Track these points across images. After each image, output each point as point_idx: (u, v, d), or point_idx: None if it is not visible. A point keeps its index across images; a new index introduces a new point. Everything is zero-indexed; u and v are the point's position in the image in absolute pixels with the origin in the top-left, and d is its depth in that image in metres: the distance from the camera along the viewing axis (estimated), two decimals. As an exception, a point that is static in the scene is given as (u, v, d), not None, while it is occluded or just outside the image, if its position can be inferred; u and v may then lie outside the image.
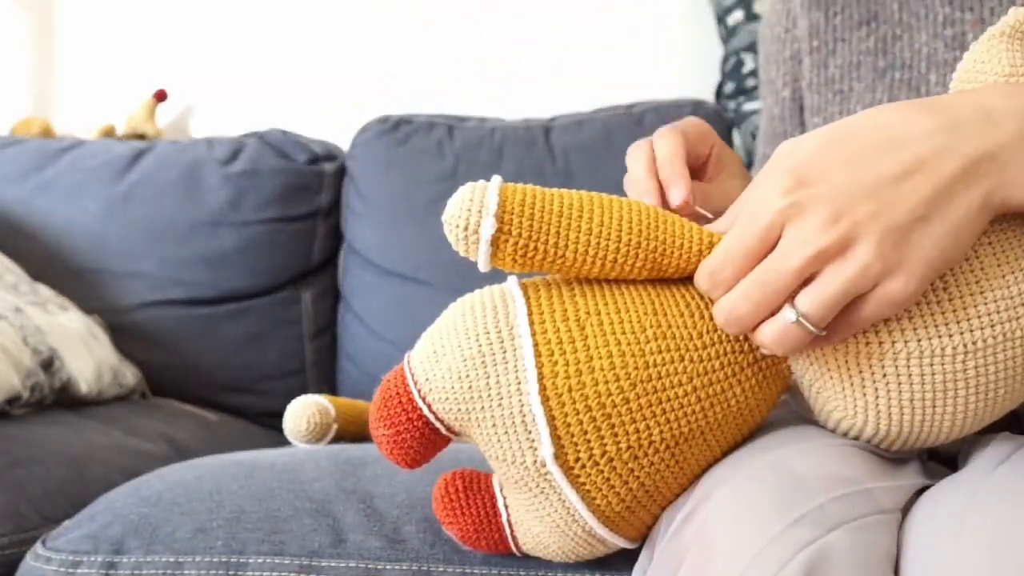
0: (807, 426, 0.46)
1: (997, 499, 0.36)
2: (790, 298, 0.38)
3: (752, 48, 1.27)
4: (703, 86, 1.41)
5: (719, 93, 1.35)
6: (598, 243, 0.41)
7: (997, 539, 0.34)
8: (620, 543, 0.45)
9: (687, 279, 0.43)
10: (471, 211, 0.40)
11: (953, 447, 0.56)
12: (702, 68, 1.45)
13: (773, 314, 0.38)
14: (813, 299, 0.37)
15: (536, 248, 0.41)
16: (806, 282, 0.37)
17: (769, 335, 0.38)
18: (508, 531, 0.46)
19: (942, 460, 0.54)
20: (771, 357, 0.43)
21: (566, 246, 0.41)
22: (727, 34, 1.33)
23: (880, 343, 0.39)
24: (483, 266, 0.42)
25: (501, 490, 0.47)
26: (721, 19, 1.34)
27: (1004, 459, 0.40)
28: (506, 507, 0.46)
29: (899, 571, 0.37)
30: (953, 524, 0.35)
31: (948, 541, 0.35)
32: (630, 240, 0.41)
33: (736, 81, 1.30)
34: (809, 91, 0.67)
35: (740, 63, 1.30)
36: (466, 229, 0.40)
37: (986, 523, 0.35)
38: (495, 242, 0.40)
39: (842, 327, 0.38)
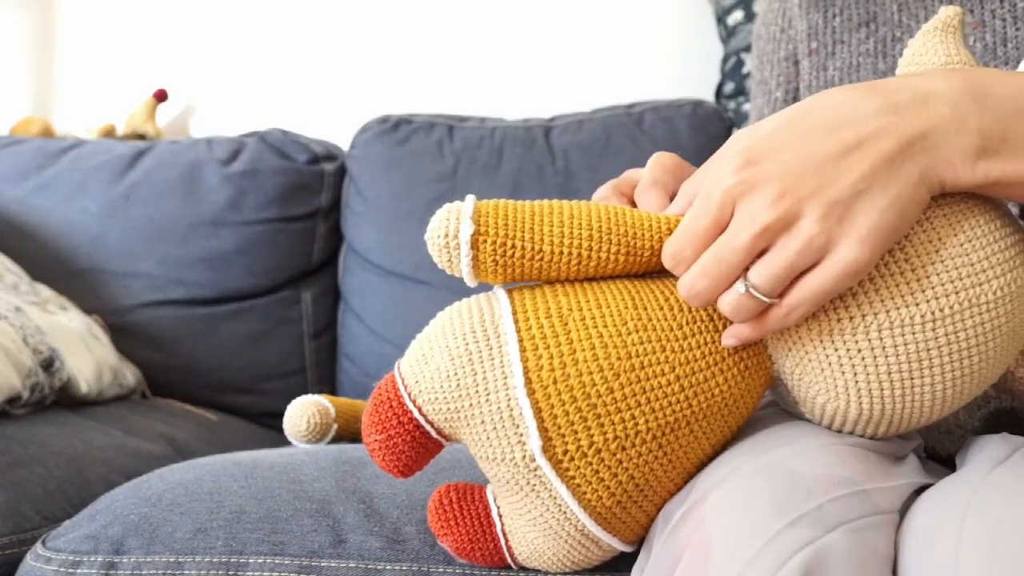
0: (804, 426, 0.46)
1: (996, 501, 0.36)
2: (745, 271, 0.40)
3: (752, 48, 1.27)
4: (703, 86, 1.42)
5: (719, 93, 1.35)
6: (571, 232, 0.43)
7: (996, 541, 0.34)
8: (615, 544, 0.45)
9: (663, 276, 0.45)
10: (449, 220, 0.42)
11: (952, 447, 0.56)
12: (702, 68, 1.45)
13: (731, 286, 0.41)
14: (762, 272, 0.39)
15: (514, 246, 0.42)
16: (761, 255, 0.40)
17: (726, 306, 0.41)
18: (503, 541, 0.46)
19: (941, 460, 0.54)
20: (751, 347, 0.44)
21: (542, 239, 0.43)
22: (727, 34, 1.33)
23: (851, 318, 0.41)
24: (467, 273, 0.43)
25: (495, 500, 0.47)
26: (721, 19, 1.34)
27: (1002, 460, 0.40)
28: (500, 517, 0.47)
29: (897, 573, 0.37)
30: (951, 526, 0.35)
31: (947, 543, 0.35)
32: (600, 226, 0.43)
33: (736, 81, 1.30)
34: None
35: (740, 63, 1.30)
36: (446, 236, 0.42)
37: (985, 525, 0.35)
38: (474, 244, 0.42)
39: (804, 300, 0.40)
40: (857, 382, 0.41)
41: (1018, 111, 0.39)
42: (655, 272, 0.46)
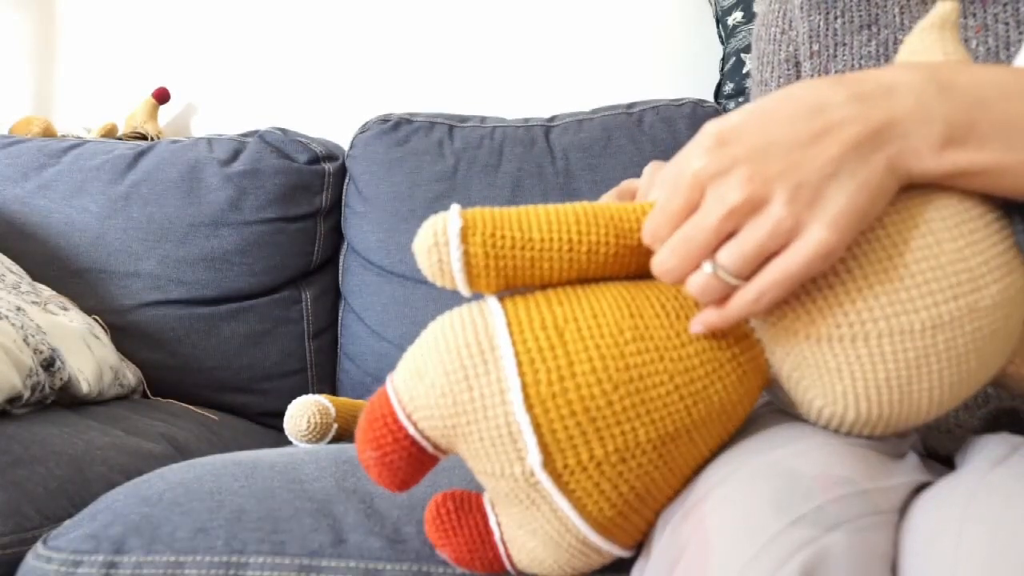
0: (804, 426, 0.46)
1: (995, 501, 0.36)
2: (713, 252, 0.40)
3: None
4: (703, 86, 1.42)
5: (719, 93, 1.35)
6: (558, 218, 0.43)
7: (995, 542, 0.34)
8: (615, 551, 0.44)
9: (658, 281, 0.45)
10: (435, 224, 0.42)
11: (952, 446, 0.56)
12: (702, 68, 1.45)
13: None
14: (731, 253, 0.39)
15: (504, 235, 0.42)
16: (731, 236, 0.40)
17: (694, 286, 0.41)
18: (502, 549, 0.46)
19: (941, 459, 0.54)
20: (748, 351, 0.44)
21: (531, 227, 0.42)
22: (727, 34, 1.33)
23: (850, 325, 0.40)
24: (458, 271, 0.42)
25: (493, 508, 0.47)
26: (721, 19, 1.34)
27: (1002, 460, 0.40)
28: (499, 524, 0.46)
29: (897, 573, 0.37)
30: (951, 526, 0.35)
31: (946, 543, 0.35)
32: (586, 211, 0.44)
33: (736, 81, 1.30)
34: None
35: (740, 63, 1.30)
36: (434, 235, 0.42)
37: (984, 526, 0.35)
38: (464, 237, 0.41)
39: (772, 283, 0.40)
40: (855, 388, 0.41)
41: (982, 100, 0.40)
42: (649, 276, 0.46)
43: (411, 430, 0.43)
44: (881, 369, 0.40)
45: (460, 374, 0.41)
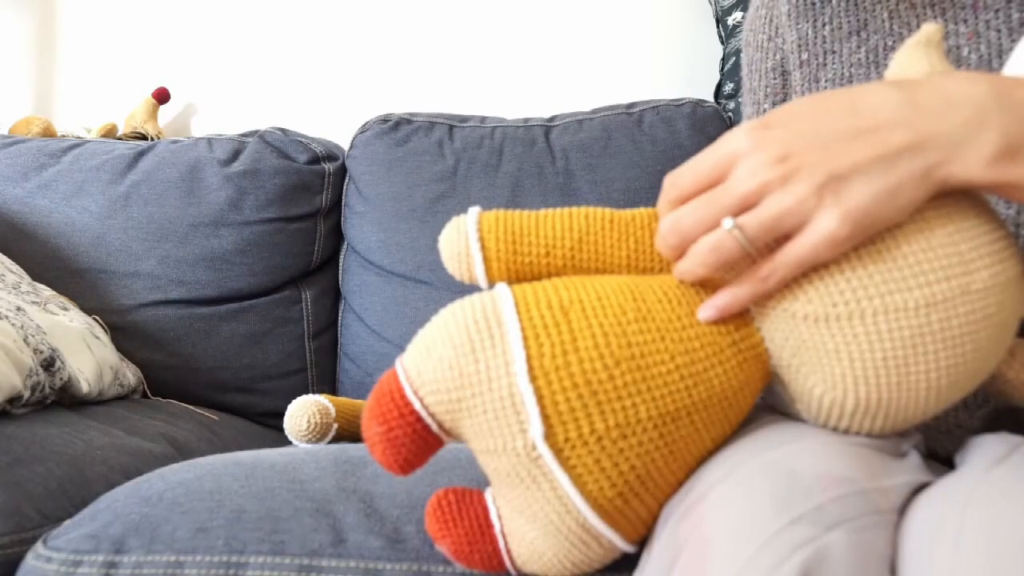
0: (804, 425, 0.46)
1: (994, 499, 0.36)
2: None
3: (752, 48, 1.27)
4: (703, 86, 1.42)
5: (719, 93, 1.35)
6: (561, 209, 0.49)
7: (995, 540, 0.34)
8: (616, 540, 0.44)
9: (662, 274, 0.48)
10: (458, 217, 0.49)
11: (952, 446, 0.56)
12: (702, 68, 1.45)
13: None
14: (749, 217, 0.41)
15: (512, 212, 0.49)
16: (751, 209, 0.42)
17: (707, 243, 0.43)
18: (502, 543, 0.47)
19: (941, 460, 0.54)
20: (749, 339, 0.45)
21: (536, 211, 0.49)
22: (727, 34, 1.33)
23: (846, 303, 0.42)
24: (471, 225, 0.48)
25: (494, 501, 0.47)
26: (721, 19, 1.35)
27: (1001, 459, 0.40)
28: (499, 518, 0.47)
29: (896, 572, 0.37)
30: (950, 525, 0.36)
31: (946, 542, 0.35)
32: (587, 207, 0.50)
33: (736, 81, 1.30)
34: None
35: (740, 63, 1.30)
36: (456, 222, 0.48)
37: (983, 524, 0.35)
38: (480, 216, 0.48)
39: (782, 264, 0.42)
40: (854, 369, 0.42)
41: None
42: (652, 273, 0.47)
43: (417, 406, 0.44)
44: (878, 348, 0.42)
45: (467, 347, 0.43)
